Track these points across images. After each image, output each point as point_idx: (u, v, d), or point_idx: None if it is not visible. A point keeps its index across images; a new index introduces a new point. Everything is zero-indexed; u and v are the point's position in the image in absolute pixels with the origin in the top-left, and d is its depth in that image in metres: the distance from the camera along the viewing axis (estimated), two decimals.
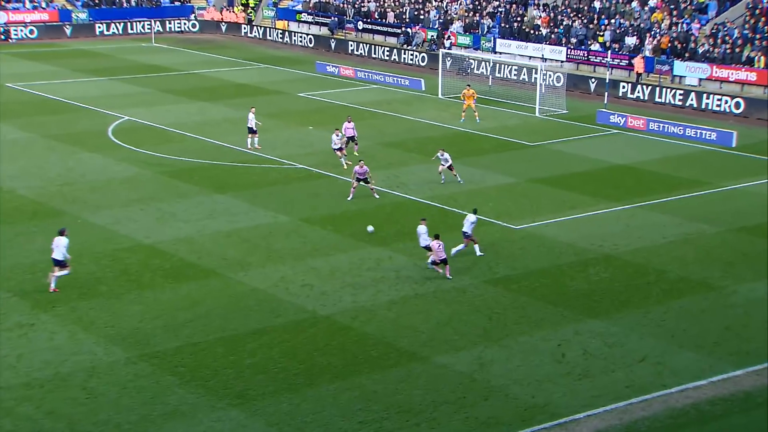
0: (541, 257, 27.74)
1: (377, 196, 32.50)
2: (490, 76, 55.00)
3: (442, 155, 34.20)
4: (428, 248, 26.16)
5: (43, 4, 70.49)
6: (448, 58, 57.34)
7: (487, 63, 55.83)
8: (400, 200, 32.87)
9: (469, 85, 46.82)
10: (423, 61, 60.92)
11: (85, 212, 30.61)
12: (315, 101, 49.42)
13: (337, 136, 36.35)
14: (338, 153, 36.09)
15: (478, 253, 27.52)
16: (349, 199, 32.21)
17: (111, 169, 35.63)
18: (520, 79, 55.00)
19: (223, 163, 36.81)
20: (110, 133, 41.10)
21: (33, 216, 30.06)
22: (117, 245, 27.82)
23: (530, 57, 56.45)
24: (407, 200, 32.82)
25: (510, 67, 55.86)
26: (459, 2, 64.75)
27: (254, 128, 38.26)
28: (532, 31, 58.65)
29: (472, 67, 56.84)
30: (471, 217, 27.54)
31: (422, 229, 26.45)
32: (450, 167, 34.21)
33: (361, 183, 32.37)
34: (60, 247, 24.51)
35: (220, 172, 35.63)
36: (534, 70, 52.01)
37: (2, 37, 66.56)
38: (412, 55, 61.81)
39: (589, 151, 40.14)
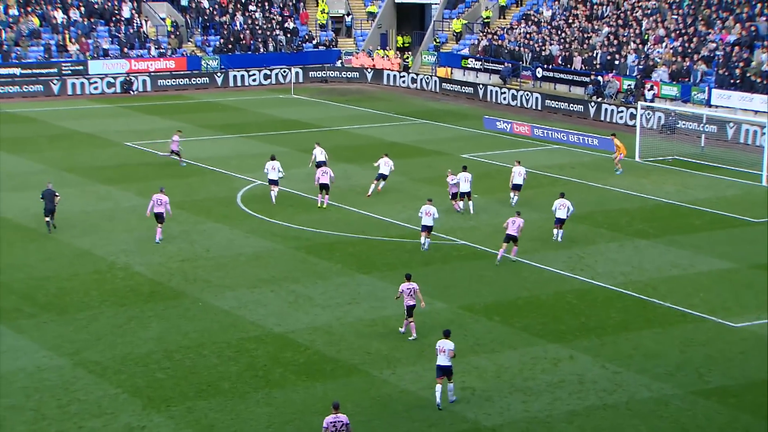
0: None
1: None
2: (703, 135, 54.01)
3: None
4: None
5: (170, 52, 74.72)
6: (649, 113, 56.71)
7: (700, 119, 54.92)
8: (586, 287, 32.57)
9: (614, 134, 49.12)
10: (617, 116, 60.56)
11: (207, 294, 31.80)
12: (482, 164, 49.84)
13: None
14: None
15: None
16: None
17: (238, 242, 36.97)
18: (743, 138, 53.74)
19: (369, 237, 37.55)
20: (239, 200, 42.76)
21: (149, 298, 31.45)
22: (242, 334, 28.69)
23: (756, 112, 55.20)
24: (594, 287, 32.48)
25: (729, 123, 54.70)
26: (664, 45, 64.27)
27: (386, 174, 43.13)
28: (759, 80, 57.37)
29: (680, 123, 56.09)
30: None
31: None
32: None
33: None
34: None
35: (365, 248, 36.34)
36: (761, 128, 50.75)
37: (124, 88, 70.79)
38: (603, 108, 61.59)
39: None
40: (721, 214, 41.21)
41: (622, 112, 60.39)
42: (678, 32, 64.56)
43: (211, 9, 79.59)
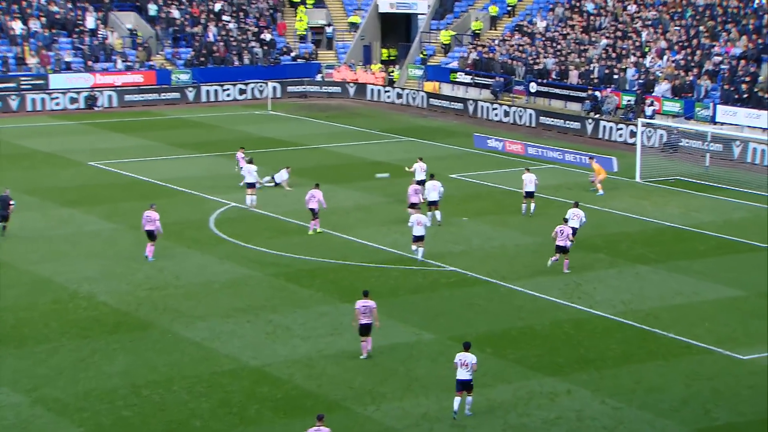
0: None
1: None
2: (708, 155, 54.21)
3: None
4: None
5: (137, 65, 74.68)
6: (650, 130, 56.89)
7: (704, 137, 55.12)
8: (583, 316, 32.54)
9: (592, 157, 49.82)
10: (616, 134, 60.75)
11: (177, 324, 31.62)
12: (472, 185, 49.90)
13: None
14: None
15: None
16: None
17: (211, 269, 36.84)
18: (750, 158, 53.96)
19: (352, 264, 37.47)
20: (212, 224, 42.64)
21: (115, 329, 31.24)
22: (215, 368, 28.52)
23: (764, 129, 55.45)
24: (592, 316, 32.46)
25: (735, 142, 54.91)
26: (666, 58, 64.60)
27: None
28: (767, 96, 57.67)
29: (682, 141, 56.29)
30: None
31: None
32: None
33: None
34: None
35: (348, 275, 36.24)
36: None
37: (87, 103, 70.64)
38: (601, 125, 61.77)
39: None
40: (727, 238, 41.28)
41: (621, 129, 60.57)
42: (680, 44, 64.92)
43: (182, 19, 79.63)
